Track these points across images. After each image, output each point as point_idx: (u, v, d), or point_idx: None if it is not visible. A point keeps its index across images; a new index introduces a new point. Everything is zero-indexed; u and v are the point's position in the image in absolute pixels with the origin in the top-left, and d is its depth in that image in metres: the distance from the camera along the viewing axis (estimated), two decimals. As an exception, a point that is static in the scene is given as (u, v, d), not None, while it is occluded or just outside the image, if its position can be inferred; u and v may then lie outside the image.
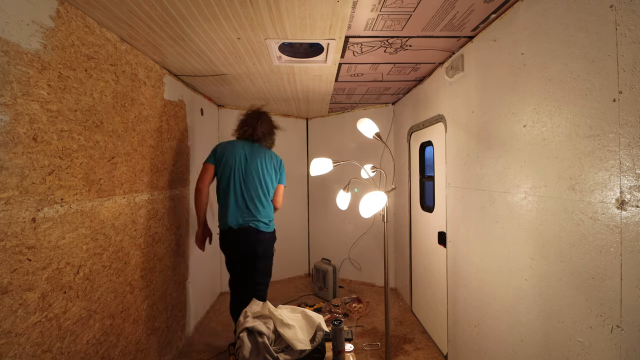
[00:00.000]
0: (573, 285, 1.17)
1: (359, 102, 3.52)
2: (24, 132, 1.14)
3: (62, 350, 1.31)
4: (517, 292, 1.50)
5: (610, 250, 1.03)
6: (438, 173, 2.46)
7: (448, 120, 2.22)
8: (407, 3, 1.47)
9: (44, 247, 1.22)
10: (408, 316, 3.04)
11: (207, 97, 3.14)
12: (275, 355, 1.30)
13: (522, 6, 1.43)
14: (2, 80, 1.06)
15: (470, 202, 1.92)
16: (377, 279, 3.81)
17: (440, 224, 2.41)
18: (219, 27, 1.64)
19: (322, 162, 1.92)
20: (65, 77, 1.33)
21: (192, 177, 2.70)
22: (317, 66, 2.25)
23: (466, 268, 1.97)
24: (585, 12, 1.10)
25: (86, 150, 1.45)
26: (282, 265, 3.96)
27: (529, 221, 1.40)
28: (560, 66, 1.22)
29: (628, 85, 0.96)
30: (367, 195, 1.74)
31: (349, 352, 1.47)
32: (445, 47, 2.00)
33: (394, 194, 3.59)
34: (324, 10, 1.50)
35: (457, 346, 2.12)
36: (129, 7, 1.42)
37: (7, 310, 1.07)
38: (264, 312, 1.52)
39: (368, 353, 2.44)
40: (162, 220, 2.17)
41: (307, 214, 4.30)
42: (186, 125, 2.61)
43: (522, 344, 1.46)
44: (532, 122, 1.38)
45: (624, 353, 0.98)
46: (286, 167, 4.04)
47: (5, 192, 1.07)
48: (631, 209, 0.96)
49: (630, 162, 0.96)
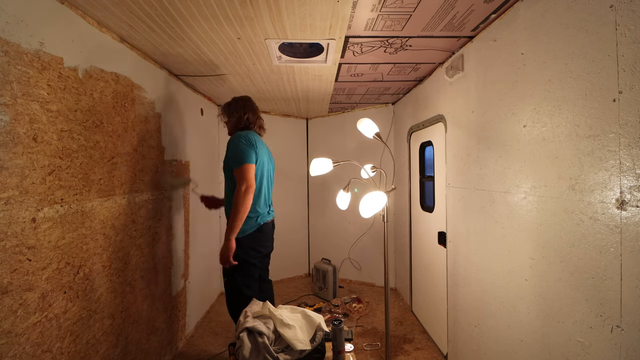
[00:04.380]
0: (573, 285, 1.17)
1: (359, 102, 3.52)
2: (24, 132, 1.14)
3: (62, 350, 1.31)
4: (517, 292, 1.50)
5: (610, 250, 1.03)
6: (438, 173, 2.46)
7: (448, 120, 2.22)
8: (407, 3, 1.47)
9: (44, 247, 1.22)
10: (408, 316, 3.04)
11: (207, 97, 3.14)
12: (275, 355, 1.30)
13: (522, 6, 1.43)
14: (2, 80, 1.06)
15: (470, 202, 1.92)
16: (377, 279, 3.81)
17: (440, 224, 2.41)
18: (219, 27, 1.64)
19: (322, 162, 1.92)
20: (65, 77, 1.33)
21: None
22: (317, 66, 2.25)
23: (466, 268, 1.97)
24: (585, 12, 1.10)
25: (86, 150, 1.45)
26: (282, 265, 3.96)
27: (529, 221, 1.40)
28: (560, 66, 1.22)
29: (628, 85, 0.96)
30: (367, 195, 1.74)
31: (349, 352, 1.47)
32: (445, 47, 2.00)
33: (394, 194, 3.59)
34: (324, 10, 1.50)
35: (457, 346, 2.12)
36: (129, 7, 1.42)
37: (7, 310, 1.07)
38: (264, 312, 1.52)
39: (368, 353, 2.44)
40: (162, 220, 2.17)
41: (307, 214, 4.30)
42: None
43: (522, 344, 1.46)
44: (532, 122, 1.38)
45: (624, 353, 0.98)
46: (286, 167, 4.09)
47: (5, 192, 1.07)
48: (631, 209, 0.96)
49: (630, 162, 0.96)
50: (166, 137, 2.24)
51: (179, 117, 2.48)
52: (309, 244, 4.32)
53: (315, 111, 3.87)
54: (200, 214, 2.88)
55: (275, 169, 2.31)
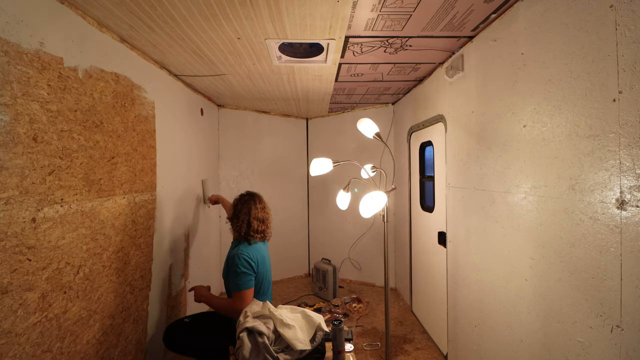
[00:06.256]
0: (573, 285, 1.17)
1: (359, 102, 3.52)
2: (24, 132, 1.14)
3: (62, 350, 1.31)
4: (517, 292, 1.49)
5: (610, 250, 1.03)
6: (438, 173, 2.46)
7: (448, 120, 2.22)
8: (407, 3, 1.47)
9: (44, 247, 1.22)
10: (408, 316, 3.04)
11: (207, 97, 3.14)
12: (275, 355, 1.30)
13: (522, 6, 1.43)
14: (2, 80, 1.06)
15: (470, 202, 1.92)
16: (377, 279, 3.81)
17: (440, 224, 2.41)
18: (219, 27, 1.64)
19: (322, 162, 1.92)
20: (65, 77, 1.33)
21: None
22: (317, 66, 2.25)
23: (466, 268, 1.97)
24: (585, 12, 1.10)
25: (86, 150, 1.45)
26: (282, 265, 3.96)
27: (529, 221, 1.40)
28: (560, 66, 1.22)
29: (628, 85, 0.96)
30: (367, 195, 1.73)
31: (349, 352, 1.47)
32: (445, 47, 2.00)
33: (394, 194, 3.59)
34: (324, 10, 1.50)
35: (457, 346, 2.12)
36: (129, 7, 1.42)
37: (7, 310, 1.07)
38: (264, 312, 1.52)
39: (368, 353, 2.44)
40: (162, 220, 2.17)
41: (307, 214, 4.30)
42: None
43: (522, 344, 1.46)
44: (532, 122, 1.38)
45: (624, 353, 0.98)
46: (286, 168, 4.09)
47: (5, 192, 1.07)
48: (631, 209, 0.96)
49: (630, 162, 0.96)
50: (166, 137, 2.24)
51: (179, 117, 2.48)
52: (309, 244, 4.32)
53: (315, 111, 3.87)
54: (200, 214, 2.88)
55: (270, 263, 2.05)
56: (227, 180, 3.61)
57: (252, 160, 3.80)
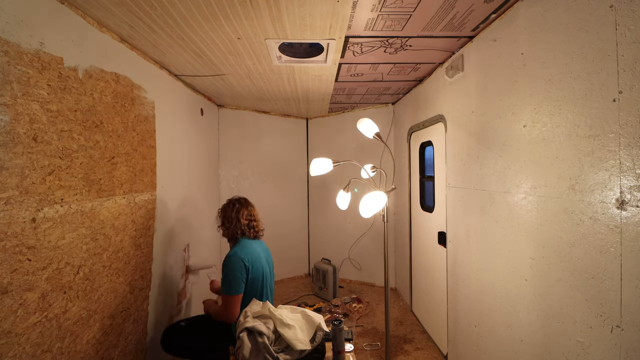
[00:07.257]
0: (573, 286, 1.17)
1: (359, 102, 3.52)
2: (24, 132, 1.14)
3: (62, 350, 1.31)
4: (517, 292, 1.49)
5: (610, 250, 1.03)
6: (438, 173, 2.46)
7: (448, 120, 2.22)
8: (407, 3, 1.47)
9: (44, 247, 1.22)
10: (408, 316, 3.04)
11: (207, 97, 3.14)
12: (275, 355, 1.30)
13: (522, 6, 1.43)
14: (2, 80, 1.06)
15: (470, 202, 1.92)
16: (377, 279, 3.81)
17: (440, 224, 2.41)
18: (219, 27, 1.64)
19: (322, 162, 1.92)
20: (65, 77, 1.33)
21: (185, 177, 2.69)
22: (317, 66, 2.25)
23: (466, 268, 1.97)
24: (585, 12, 1.10)
25: (86, 150, 1.45)
26: (282, 265, 3.95)
27: (529, 221, 1.40)
28: (560, 66, 1.22)
29: (628, 85, 0.96)
30: (367, 195, 1.73)
31: (349, 352, 1.47)
32: (445, 47, 2.00)
33: (394, 194, 3.59)
34: (324, 10, 1.50)
35: (457, 346, 2.12)
36: (129, 7, 1.42)
37: (7, 310, 1.07)
38: (264, 312, 1.52)
39: (368, 353, 2.44)
40: (162, 220, 2.17)
41: (307, 214, 4.30)
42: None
43: (522, 344, 1.46)
44: (532, 122, 1.38)
45: (624, 353, 0.98)
46: (286, 168, 4.09)
47: (5, 192, 1.07)
48: (631, 209, 0.96)
49: (630, 162, 0.96)
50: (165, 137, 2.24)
51: (179, 117, 2.48)
52: (309, 244, 4.32)
53: (315, 111, 3.87)
54: (200, 215, 2.88)
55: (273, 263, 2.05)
56: (227, 180, 3.61)
57: (252, 160, 3.80)
